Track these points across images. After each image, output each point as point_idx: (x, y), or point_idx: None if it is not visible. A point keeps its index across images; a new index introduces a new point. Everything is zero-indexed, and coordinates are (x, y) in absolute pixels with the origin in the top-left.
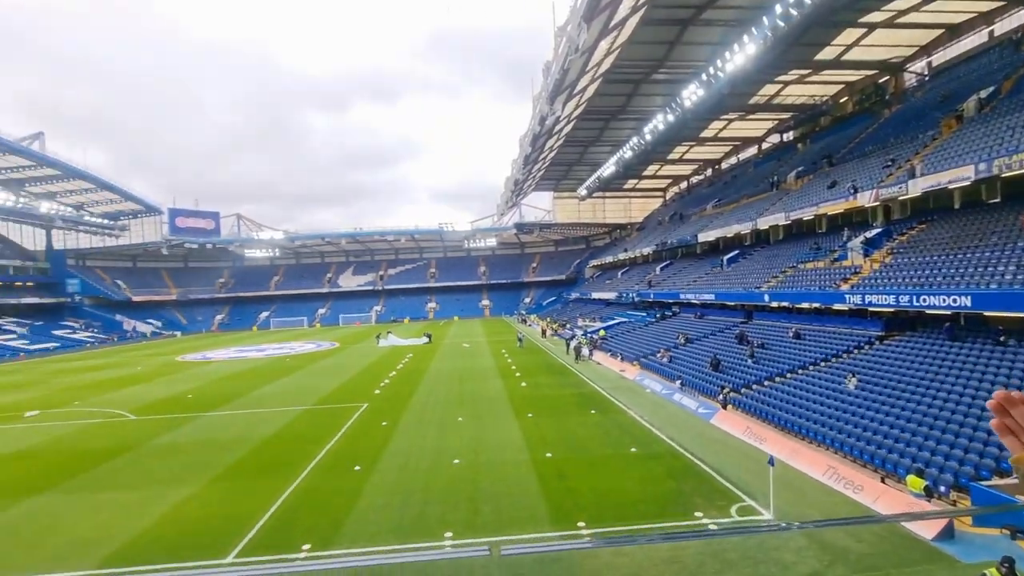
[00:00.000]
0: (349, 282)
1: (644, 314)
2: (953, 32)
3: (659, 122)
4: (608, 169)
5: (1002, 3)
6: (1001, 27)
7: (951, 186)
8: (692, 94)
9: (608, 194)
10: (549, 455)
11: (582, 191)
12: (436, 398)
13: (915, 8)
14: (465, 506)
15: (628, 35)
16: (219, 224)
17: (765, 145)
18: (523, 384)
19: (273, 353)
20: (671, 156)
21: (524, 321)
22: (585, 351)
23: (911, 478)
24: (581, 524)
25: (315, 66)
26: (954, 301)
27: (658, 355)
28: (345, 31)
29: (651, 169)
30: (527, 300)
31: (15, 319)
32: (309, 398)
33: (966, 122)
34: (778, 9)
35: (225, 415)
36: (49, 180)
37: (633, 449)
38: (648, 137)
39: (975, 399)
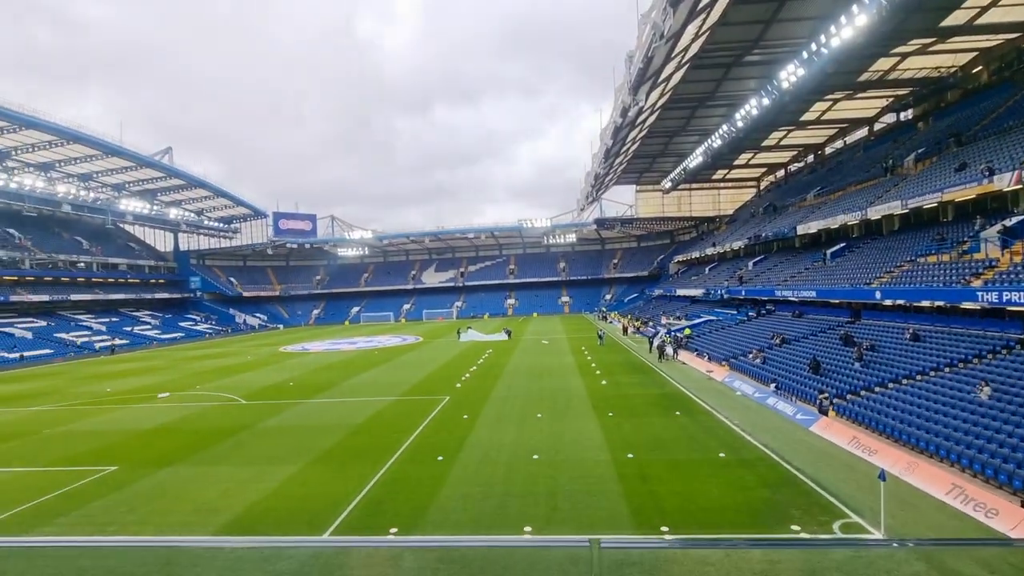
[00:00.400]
0: (432, 279)
1: (734, 312)
2: None
3: (753, 107)
4: (695, 160)
5: None
6: None
7: None
8: (791, 75)
9: (695, 186)
10: (630, 456)
11: (666, 183)
12: (515, 393)
13: None
14: (544, 502)
15: (718, 16)
16: (316, 225)
17: (878, 126)
18: (603, 382)
19: (363, 346)
20: (766, 143)
21: (604, 318)
22: (669, 350)
23: None
24: (665, 529)
25: (398, 70)
26: None
27: (750, 356)
28: (424, 31)
29: (743, 158)
30: (608, 297)
31: (150, 312)
32: (396, 389)
33: None
34: None
35: (322, 402)
36: (176, 190)
37: (722, 454)
38: (740, 124)
39: None
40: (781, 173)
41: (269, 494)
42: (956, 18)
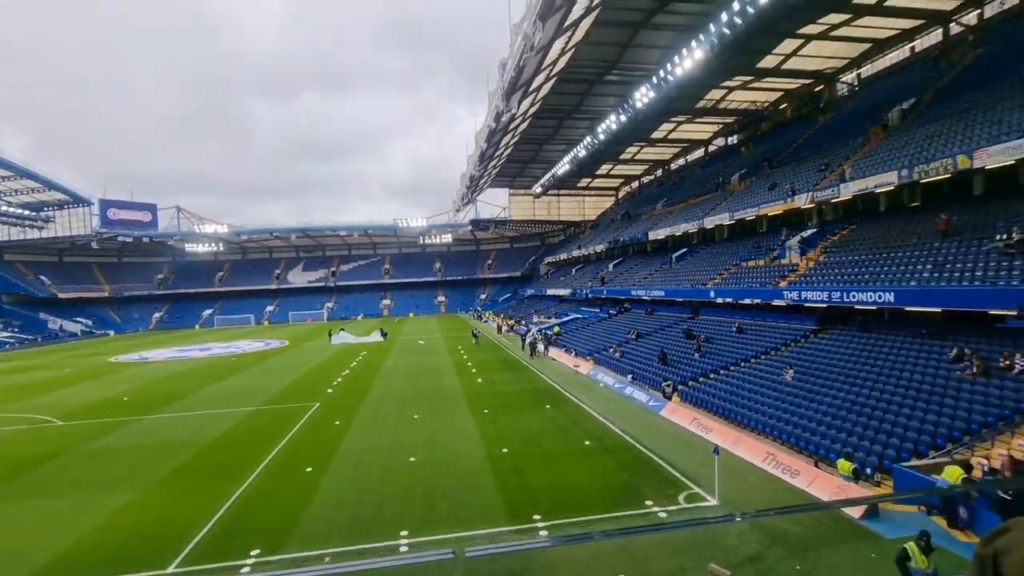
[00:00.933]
0: (299, 278)
1: (597, 310)
2: (879, 46)
3: (612, 122)
4: (563, 167)
5: (922, 22)
6: (921, 44)
7: (877, 190)
8: (643, 96)
9: (563, 192)
10: (505, 451)
11: (537, 188)
12: (391, 395)
13: (846, 23)
14: (421, 503)
15: (582, 35)
16: (157, 217)
17: (711, 148)
18: (479, 380)
19: (218, 352)
20: (623, 156)
21: (480, 318)
22: (540, 347)
23: (841, 462)
24: (537, 517)
25: (260, 48)
26: (879, 297)
27: (611, 350)
28: (291, 10)
29: (604, 168)
30: (483, 297)
31: None
32: (257, 399)
33: (891, 131)
34: (724, 17)
35: (166, 418)
36: None
37: (587, 443)
38: (601, 137)
39: (897, 388)
40: (636, 184)
41: (96, 528)
42: (768, 62)
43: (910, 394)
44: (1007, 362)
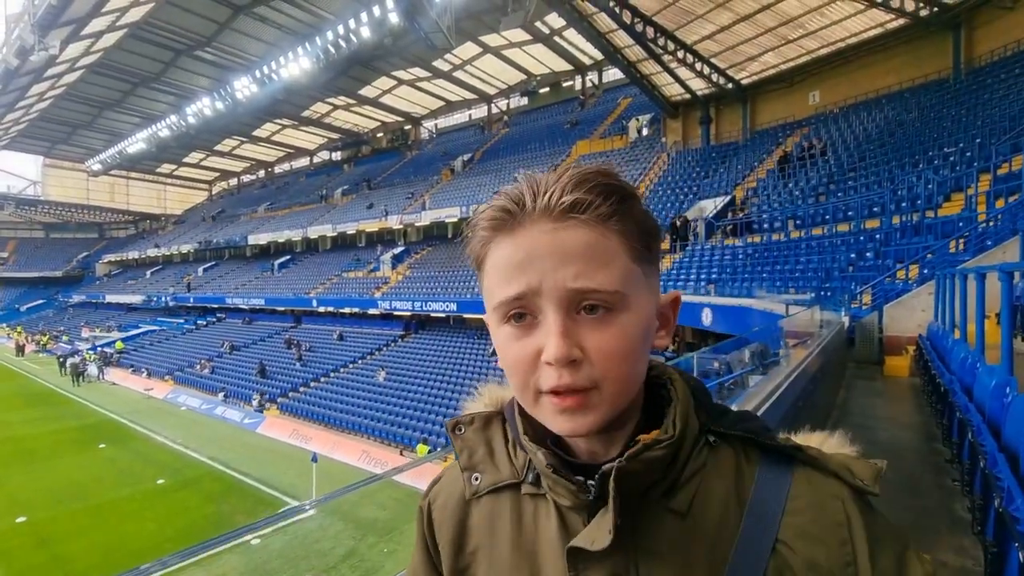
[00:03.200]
0: None
1: (181, 321)
2: (450, 106)
3: (206, 106)
4: (135, 145)
5: (475, 97)
6: (476, 113)
7: (447, 220)
8: (245, 87)
9: (135, 175)
10: (22, 520)
11: (94, 164)
12: None
13: (427, 79)
14: None
15: None
16: None
17: (316, 159)
18: None
19: None
20: (219, 147)
21: None
22: (93, 369)
23: (419, 447)
24: None
25: None
26: (448, 307)
27: (198, 367)
28: None
29: (194, 157)
30: None
31: None
32: None
33: (456, 175)
34: (329, 35)
35: None
36: None
37: (160, 481)
38: (191, 120)
39: (457, 377)
40: (235, 181)
41: None
42: (368, 92)
43: (465, 381)
44: None
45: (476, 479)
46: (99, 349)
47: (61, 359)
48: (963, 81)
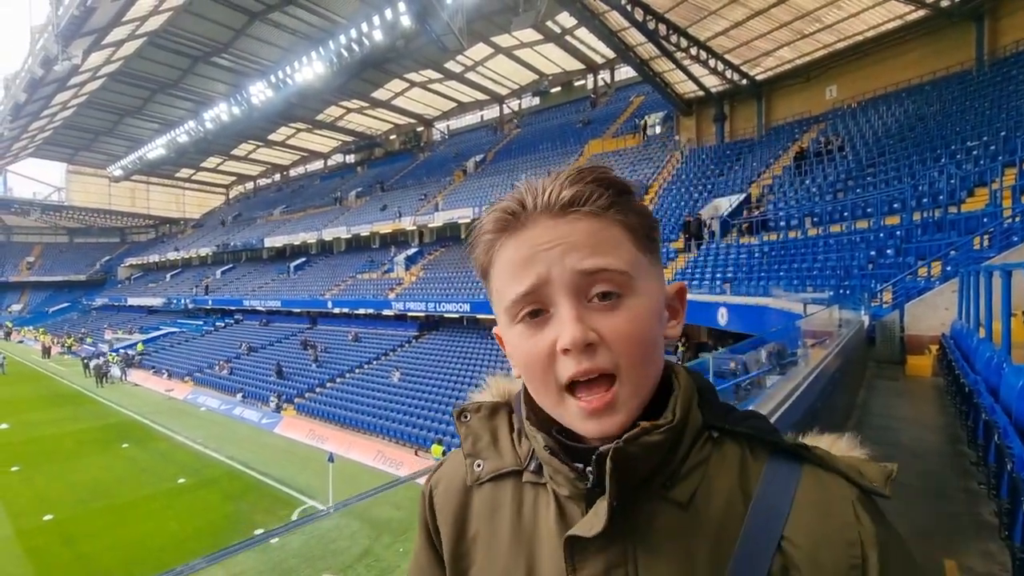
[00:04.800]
0: None
1: (200, 323)
2: (462, 107)
3: (223, 112)
4: (155, 151)
5: (487, 98)
6: (487, 114)
7: (459, 220)
8: (261, 92)
9: (155, 180)
10: (48, 518)
11: (116, 170)
12: None
13: (439, 81)
14: None
15: (182, 1)
16: None
17: (331, 162)
18: (2, 426)
19: None
20: (236, 152)
21: (7, 336)
22: (116, 371)
23: (434, 447)
24: None
25: None
26: (461, 307)
27: (216, 368)
28: None
29: (212, 162)
30: (16, 308)
31: None
32: None
33: (468, 175)
34: (342, 39)
35: None
36: None
37: (181, 480)
38: (209, 125)
39: (471, 377)
40: (251, 185)
41: None
42: (381, 95)
43: (479, 381)
44: None
45: (478, 466)
46: (121, 351)
47: (85, 360)
48: (987, 73)
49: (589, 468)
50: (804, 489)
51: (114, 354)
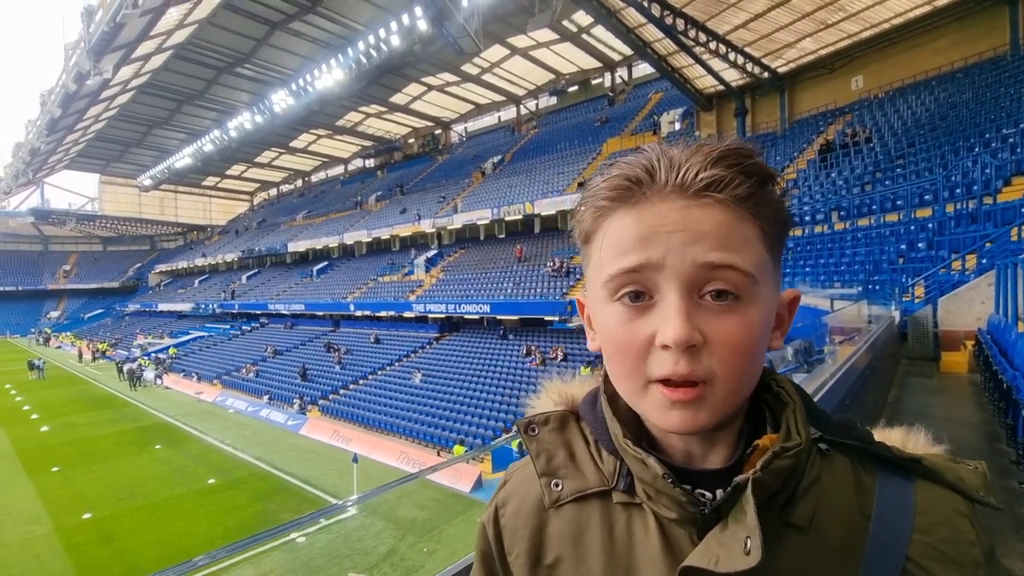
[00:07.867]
0: None
1: (227, 327)
2: (479, 109)
3: (246, 120)
4: (182, 160)
5: (504, 99)
6: (505, 115)
7: (479, 222)
8: (282, 100)
9: (183, 188)
10: (88, 516)
11: (145, 180)
12: None
13: (456, 84)
14: None
15: (206, 14)
16: None
17: (351, 167)
18: (44, 429)
19: None
20: (259, 159)
21: (47, 342)
22: (149, 374)
23: (456, 448)
24: None
25: None
26: (480, 308)
27: (243, 371)
28: None
29: (236, 169)
30: (54, 314)
31: None
32: None
33: (487, 177)
34: (360, 46)
35: None
36: None
37: (211, 480)
38: (233, 134)
39: (491, 378)
40: (274, 191)
41: None
42: (399, 99)
43: (499, 382)
44: (555, 354)
45: (557, 486)
46: (154, 355)
47: (119, 365)
48: (1022, 57)
49: (699, 491)
50: (922, 505)
51: (147, 358)
